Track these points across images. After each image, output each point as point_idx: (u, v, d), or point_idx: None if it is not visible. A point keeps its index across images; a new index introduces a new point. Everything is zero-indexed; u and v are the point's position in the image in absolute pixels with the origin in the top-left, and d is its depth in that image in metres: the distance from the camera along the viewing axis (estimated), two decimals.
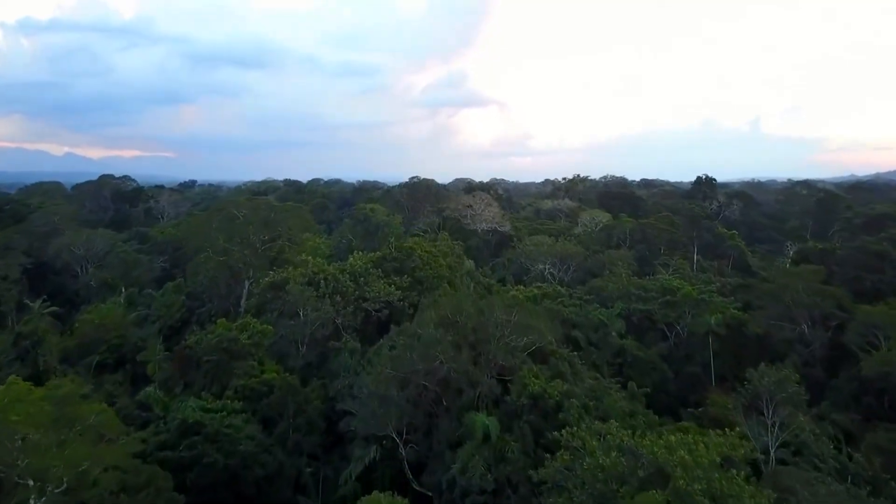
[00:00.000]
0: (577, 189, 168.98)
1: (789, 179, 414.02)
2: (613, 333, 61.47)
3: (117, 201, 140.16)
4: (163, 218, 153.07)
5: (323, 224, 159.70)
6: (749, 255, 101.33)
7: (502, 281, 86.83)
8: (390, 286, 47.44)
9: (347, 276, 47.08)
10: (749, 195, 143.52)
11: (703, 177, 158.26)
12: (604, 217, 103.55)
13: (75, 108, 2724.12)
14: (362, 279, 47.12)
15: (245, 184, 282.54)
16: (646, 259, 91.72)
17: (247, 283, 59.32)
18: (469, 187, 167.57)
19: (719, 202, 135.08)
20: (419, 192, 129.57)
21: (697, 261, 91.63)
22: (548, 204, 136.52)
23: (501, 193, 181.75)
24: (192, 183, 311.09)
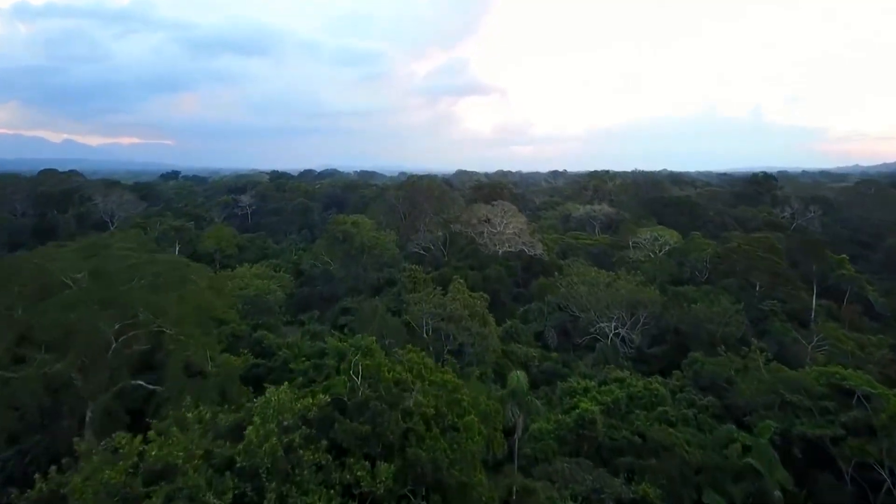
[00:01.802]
0: (605, 188, 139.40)
1: (804, 171, 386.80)
2: (777, 493, 32.63)
3: (42, 205, 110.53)
4: (112, 223, 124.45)
5: (304, 230, 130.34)
6: (869, 289, 72.12)
7: (541, 339, 57.71)
8: (342, 497, 18.48)
9: (234, 480, 18.16)
10: (827, 199, 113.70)
11: (761, 174, 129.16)
12: (669, 235, 74.13)
13: (73, 95, 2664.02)
14: (271, 482, 18.20)
15: (226, 175, 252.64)
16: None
17: (90, 409, 30.35)
18: (479, 186, 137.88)
19: (792, 208, 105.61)
20: (419, 195, 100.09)
21: (817, 307, 62.47)
22: (577, 209, 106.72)
23: (515, 192, 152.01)
24: (175, 174, 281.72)
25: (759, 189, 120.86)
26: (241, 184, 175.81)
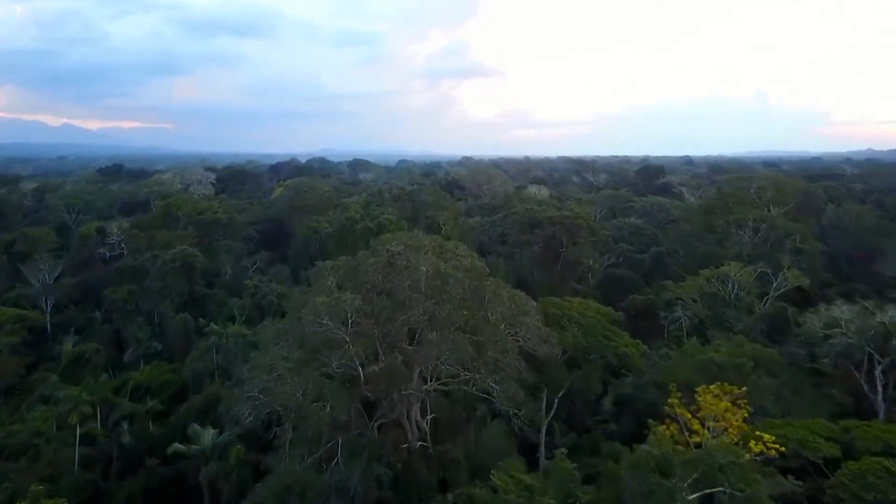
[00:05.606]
0: (765, 218, 69.95)
1: (847, 157, 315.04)
2: None
3: None
4: None
5: (184, 311, 62.45)
6: None
7: None
8: None
9: None
10: None
11: None
12: None
13: (71, 78, 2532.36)
14: None
15: (167, 171, 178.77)
16: None
17: None
18: (534, 222, 68.62)
19: None
20: (407, 295, 32.10)
21: None
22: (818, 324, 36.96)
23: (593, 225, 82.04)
24: (118, 168, 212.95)
25: None
26: (143, 196, 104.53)
